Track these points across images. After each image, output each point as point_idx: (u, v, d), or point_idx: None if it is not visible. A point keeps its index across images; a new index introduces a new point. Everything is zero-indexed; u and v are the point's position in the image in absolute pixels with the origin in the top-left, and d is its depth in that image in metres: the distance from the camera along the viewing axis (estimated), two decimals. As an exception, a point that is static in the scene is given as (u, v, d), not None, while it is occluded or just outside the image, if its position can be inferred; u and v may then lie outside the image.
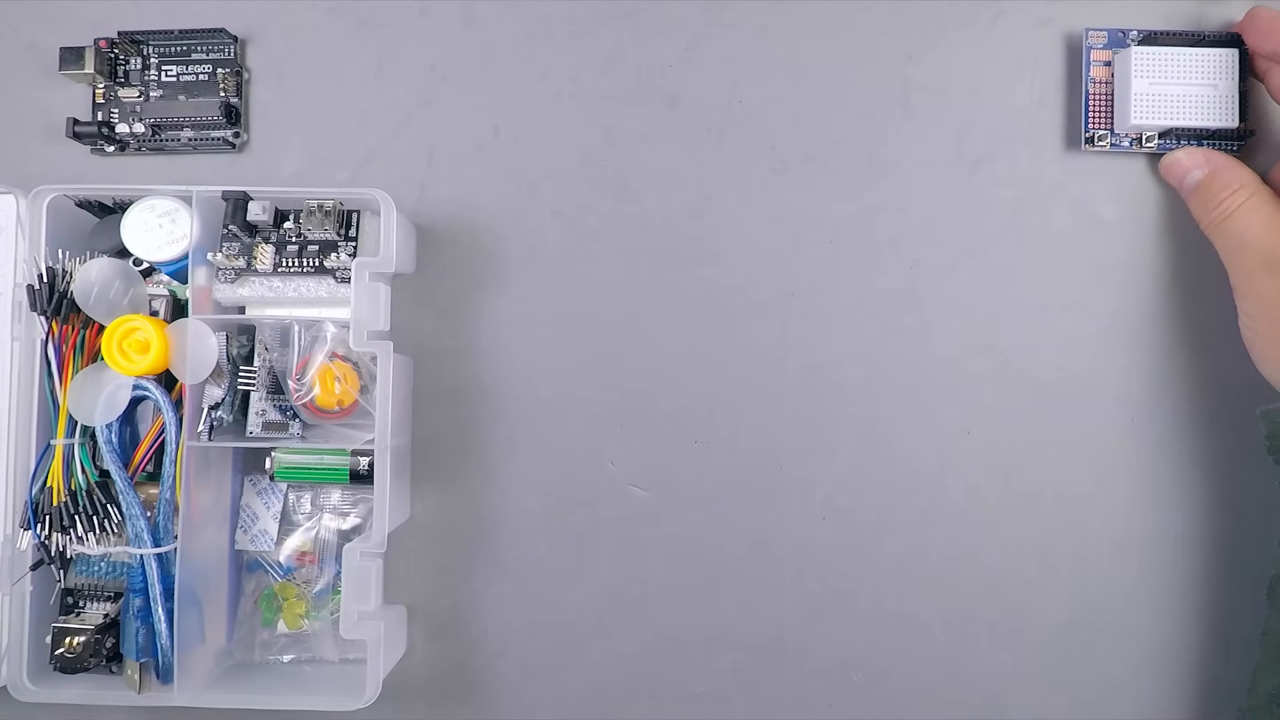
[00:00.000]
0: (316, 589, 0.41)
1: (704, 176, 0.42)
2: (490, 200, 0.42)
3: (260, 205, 0.39)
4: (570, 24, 0.42)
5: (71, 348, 0.38)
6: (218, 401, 0.39)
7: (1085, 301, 0.41)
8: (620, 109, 0.42)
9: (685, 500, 0.42)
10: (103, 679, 0.40)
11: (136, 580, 0.39)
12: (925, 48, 0.42)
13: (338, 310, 0.39)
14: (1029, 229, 0.41)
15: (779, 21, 0.42)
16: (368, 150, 0.43)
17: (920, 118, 0.42)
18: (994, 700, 0.41)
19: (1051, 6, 0.41)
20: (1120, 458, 0.41)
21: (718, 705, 0.42)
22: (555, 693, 0.42)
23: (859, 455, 0.42)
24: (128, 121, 0.42)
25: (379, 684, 0.38)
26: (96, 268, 0.38)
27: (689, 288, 0.42)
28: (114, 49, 0.42)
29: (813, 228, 0.42)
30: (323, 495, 0.41)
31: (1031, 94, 0.41)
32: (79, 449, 0.38)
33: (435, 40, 0.43)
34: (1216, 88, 0.39)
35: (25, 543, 0.38)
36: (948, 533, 0.41)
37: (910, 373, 0.41)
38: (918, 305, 0.42)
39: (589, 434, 0.42)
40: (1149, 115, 0.39)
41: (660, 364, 0.42)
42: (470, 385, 0.42)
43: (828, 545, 0.42)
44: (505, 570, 0.42)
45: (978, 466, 0.41)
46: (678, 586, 0.42)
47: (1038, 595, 0.41)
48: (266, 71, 0.43)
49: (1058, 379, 0.41)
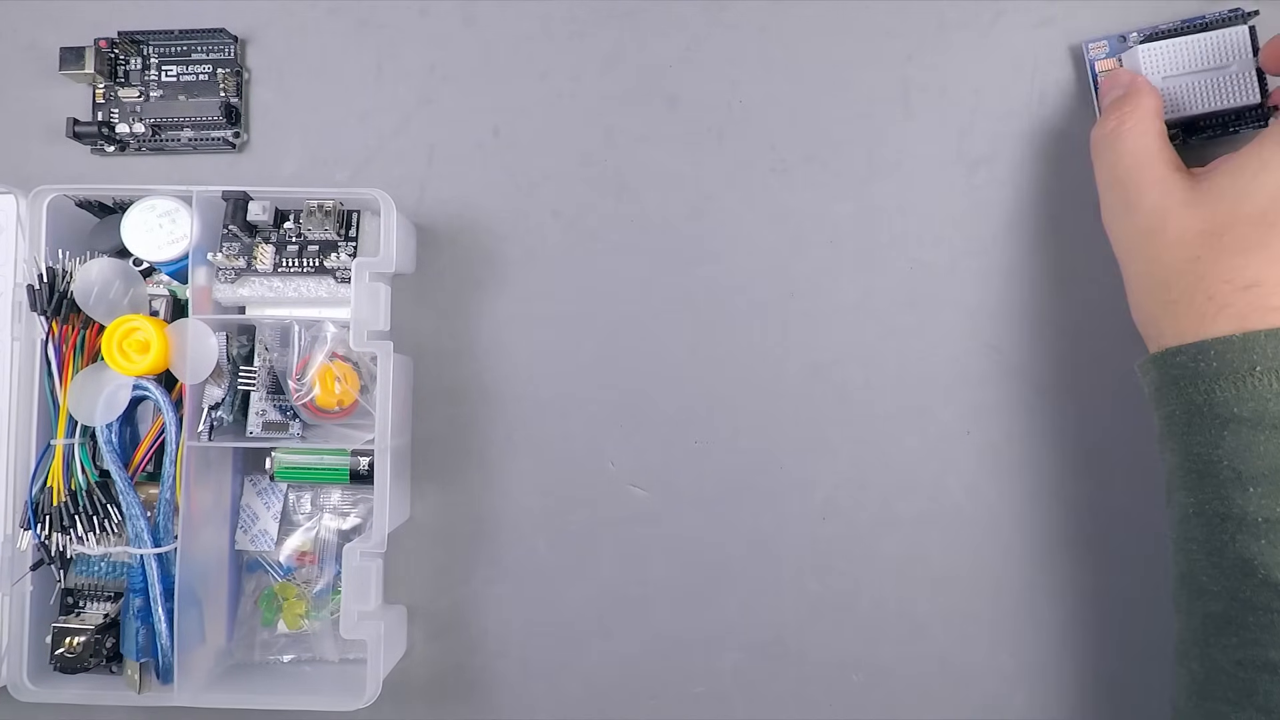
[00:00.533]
0: (316, 589, 0.41)
1: (704, 176, 0.42)
2: (490, 200, 0.42)
3: (260, 205, 0.39)
4: (570, 24, 0.42)
5: (71, 348, 0.38)
6: (218, 401, 0.39)
7: (1086, 301, 0.41)
8: (620, 109, 0.42)
9: (685, 500, 0.42)
10: (103, 679, 0.40)
11: (136, 580, 0.39)
12: (925, 48, 0.42)
13: (338, 310, 0.39)
14: (1029, 229, 0.41)
15: (779, 21, 0.42)
16: (368, 150, 0.43)
17: (920, 118, 0.42)
18: (994, 700, 0.41)
19: (1052, 7, 0.41)
20: (1121, 458, 0.41)
21: (718, 705, 0.42)
22: (555, 693, 0.42)
23: (859, 455, 0.42)
24: (128, 121, 0.42)
25: (379, 684, 0.38)
26: (96, 268, 0.38)
27: (689, 288, 0.42)
28: (114, 49, 0.42)
29: (813, 228, 0.42)
30: (323, 495, 0.41)
31: (1031, 94, 0.41)
32: (79, 449, 0.38)
33: (435, 40, 0.43)
34: (1230, 68, 0.38)
35: (25, 543, 0.38)
36: (948, 533, 0.41)
37: (910, 373, 0.41)
38: (918, 305, 0.42)
39: (589, 434, 0.42)
40: (1169, 110, 0.38)
41: (660, 364, 0.42)
42: (470, 385, 0.42)
43: (828, 545, 0.42)
44: (505, 570, 0.42)
45: (978, 466, 0.41)
46: (678, 586, 0.42)
47: (1038, 595, 0.41)
48: (266, 71, 0.43)
49: (1058, 379, 0.41)
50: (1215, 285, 0.33)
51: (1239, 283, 0.32)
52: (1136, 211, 0.35)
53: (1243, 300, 0.32)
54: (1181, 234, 0.34)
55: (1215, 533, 0.33)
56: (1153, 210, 0.35)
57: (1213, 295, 0.33)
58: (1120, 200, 0.36)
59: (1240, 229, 0.33)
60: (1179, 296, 0.34)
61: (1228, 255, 0.33)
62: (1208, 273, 0.33)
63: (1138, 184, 0.36)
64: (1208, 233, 0.33)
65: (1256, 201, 0.33)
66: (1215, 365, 0.32)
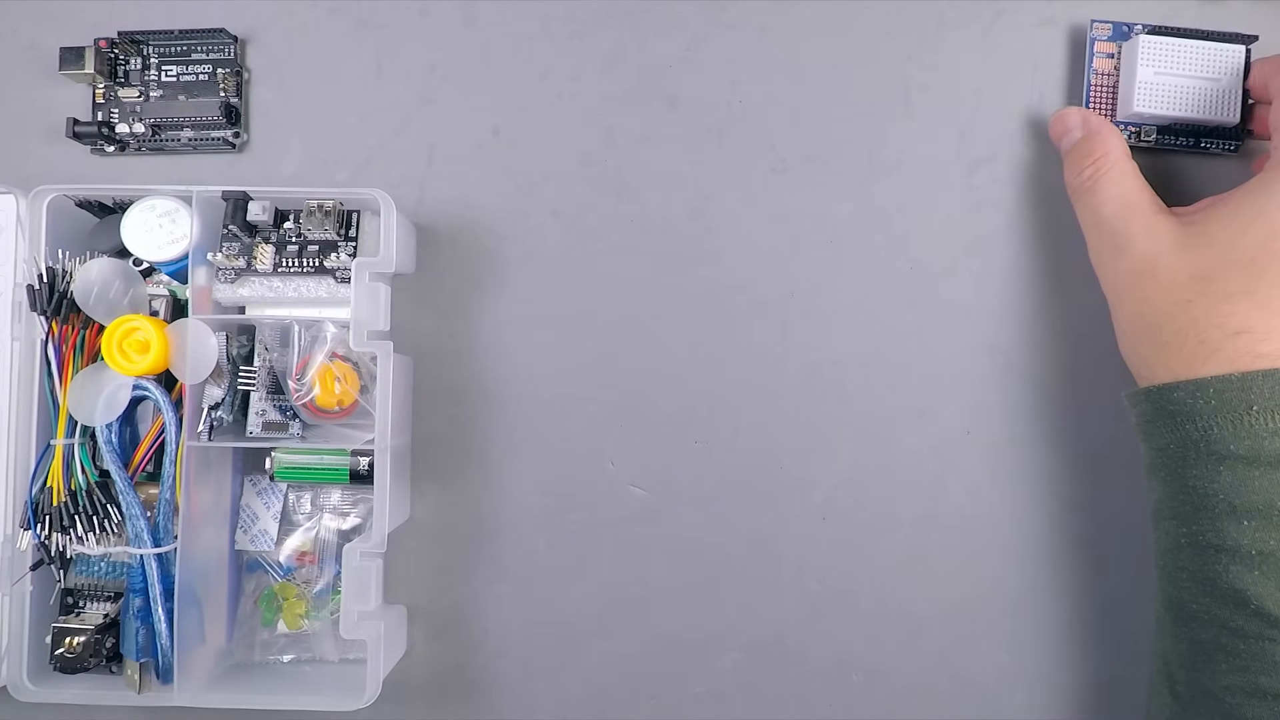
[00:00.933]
0: (316, 589, 0.41)
1: (704, 176, 0.42)
2: (490, 200, 0.42)
3: (260, 205, 0.39)
4: (570, 24, 0.42)
5: (71, 348, 0.38)
6: (218, 401, 0.39)
7: (1087, 301, 0.41)
8: (620, 109, 0.42)
9: (685, 500, 0.42)
10: (103, 679, 0.40)
11: (136, 580, 0.39)
12: (925, 48, 0.42)
13: (338, 310, 0.39)
14: (1029, 229, 0.41)
15: (779, 21, 0.42)
16: (368, 150, 0.43)
17: (920, 118, 0.42)
18: (994, 700, 0.41)
19: (1052, 6, 0.41)
20: (1121, 458, 0.41)
21: (718, 705, 0.42)
22: (555, 693, 0.42)
23: (859, 455, 0.42)
24: (128, 121, 0.42)
25: (379, 684, 0.38)
26: (96, 268, 0.38)
27: (689, 288, 0.42)
28: (114, 49, 0.42)
29: (813, 228, 0.42)
30: (323, 495, 0.41)
31: (1031, 94, 0.41)
32: (79, 449, 0.38)
33: (435, 40, 0.43)
34: (1220, 82, 0.39)
35: (25, 543, 0.38)
36: (948, 533, 0.41)
37: (910, 373, 0.41)
38: (918, 305, 0.42)
39: (589, 434, 0.42)
40: (1152, 104, 0.39)
41: (660, 364, 0.42)
42: (470, 385, 0.42)
43: (828, 545, 0.42)
44: (505, 570, 0.42)
45: (978, 466, 0.41)
46: (678, 586, 0.42)
47: (1038, 595, 0.41)
48: (266, 71, 0.43)
49: (1058, 379, 0.41)
50: (1206, 330, 0.33)
51: (1229, 329, 0.33)
52: (1125, 254, 0.36)
53: (1232, 345, 0.33)
54: (1173, 277, 0.34)
55: (1208, 563, 0.33)
56: (1142, 254, 0.35)
57: (1204, 339, 0.33)
58: (1108, 244, 0.37)
59: (1230, 275, 0.33)
60: (1170, 339, 0.34)
61: (1218, 301, 0.33)
62: (1200, 317, 0.33)
63: (1126, 229, 0.36)
64: (1199, 277, 0.34)
65: (1246, 249, 0.33)
66: (1214, 403, 0.33)
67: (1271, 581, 0.32)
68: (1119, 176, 0.37)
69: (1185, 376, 0.34)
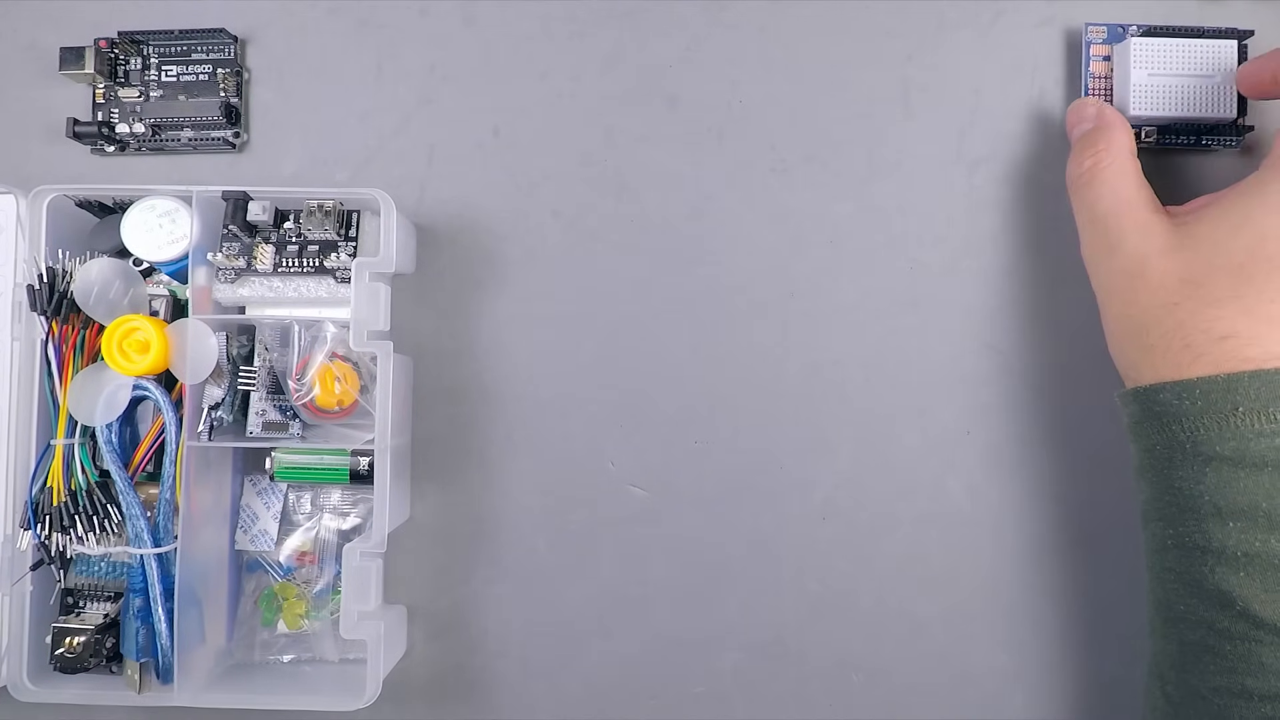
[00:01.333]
0: (316, 589, 0.41)
1: (704, 176, 0.42)
2: (490, 200, 0.42)
3: (260, 205, 0.39)
4: (570, 24, 0.42)
5: (71, 348, 0.38)
6: (218, 401, 0.39)
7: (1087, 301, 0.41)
8: (620, 109, 0.42)
9: (685, 500, 0.42)
10: (103, 679, 0.40)
11: (136, 580, 0.39)
12: (925, 48, 0.42)
13: (338, 310, 0.39)
14: (1029, 229, 0.41)
15: (779, 21, 0.42)
16: (368, 150, 0.43)
17: (920, 118, 0.42)
18: (994, 700, 0.41)
19: (1051, 6, 0.41)
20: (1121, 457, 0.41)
21: (718, 705, 0.42)
22: (555, 693, 0.42)
23: (859, 455, 0.42)
24: (128, 121, 0.42)
25: (379, 684, 0.38)
26: (96, 268, 0.38)
27: (689, 288, 0.42)
28: (114, 49, 0.42)
29: (813, 228, 0.42)
30: (323, 495, 0.41)
31: (1031, 94, 0.41)
32: (79, 449, 0.38)
33: (435, 40, 0.43)
34: (1214, 79, 0.38)
35: (25, 543, 0.38)
36: (948, 533, 0.41)
37: (910, 372, 0.41)
38: (918, 305, 0.42)
39: (589, 434, 0.42)
40: (1148, 106, 0.39)
41: (660, 364, 0.42)
42: (470, 385, 0.42)
43: (828, 545, 0.42)
44: (505, 570, 0.42)
45: (978, 466, 0.41)
46: (678, 586, 0.42)
47: (1037, 595, 0.41)
48: (266, 71, 0.43)
49: (1058, 379, 0.41)
50: (1192, 334, 0.33)
51: (1215, 333, 0.33)
52: (1117, 253, 0.36)
53: (1218, 350, 0.33)
54: (1162, 279, 0.34)
55: (1194, 564, 0.33)
56: (1133, 254, 0.35)
57: (1189, 344, 0.33)
58: (1100, 240, 0.36)
59: (1218, 279, 0.33)
60: (1156, 342, 0.34)
61: (1204, 305, 0.33)
62: (1186, 320, 0.33)
63: (1118, 227, 0.36)
64: (1187, 280, 0.34)
65: (1234, 253, 0.33)
66: (1200, 404, 0.33)
67: (1257, 583, 0.32)
68: (1118, 172, 0.36)
69: (1171, 379, 0.33)
